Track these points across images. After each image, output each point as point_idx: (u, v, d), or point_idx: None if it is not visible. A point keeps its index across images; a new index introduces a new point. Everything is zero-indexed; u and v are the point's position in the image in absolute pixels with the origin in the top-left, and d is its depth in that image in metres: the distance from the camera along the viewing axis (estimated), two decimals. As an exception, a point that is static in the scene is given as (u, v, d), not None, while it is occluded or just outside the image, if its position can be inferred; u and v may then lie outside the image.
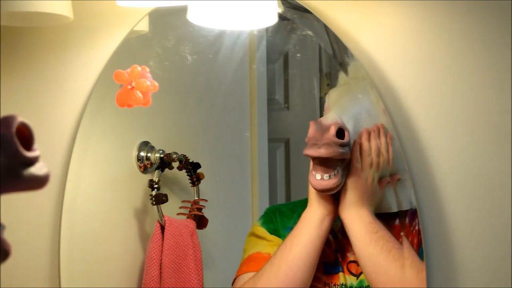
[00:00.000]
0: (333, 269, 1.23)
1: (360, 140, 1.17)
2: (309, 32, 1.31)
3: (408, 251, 1.15)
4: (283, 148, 1.41)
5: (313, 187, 1.18)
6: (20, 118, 0.61)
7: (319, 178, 1.17)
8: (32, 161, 0.61)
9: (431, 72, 1.18)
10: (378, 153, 1.18)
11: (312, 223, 1.20)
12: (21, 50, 1.49)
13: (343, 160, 1.17)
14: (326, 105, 1.24)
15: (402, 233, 1.18)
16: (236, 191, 1.47)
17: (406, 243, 1.16)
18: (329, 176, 1.16)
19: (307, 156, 1.17)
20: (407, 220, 1.19)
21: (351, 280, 1.22)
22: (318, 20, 1.24)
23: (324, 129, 1.13)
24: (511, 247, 1.13)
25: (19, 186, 0.61)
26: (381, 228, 1.16)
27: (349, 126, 1.16)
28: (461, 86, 1.17)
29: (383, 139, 1.18)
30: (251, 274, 1.25)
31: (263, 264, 1.23)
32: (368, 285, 1.19)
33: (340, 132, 1.14)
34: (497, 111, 1.15)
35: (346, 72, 1.23)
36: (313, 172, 1.17)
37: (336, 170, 1.16)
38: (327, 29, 1.24)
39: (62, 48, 1.46)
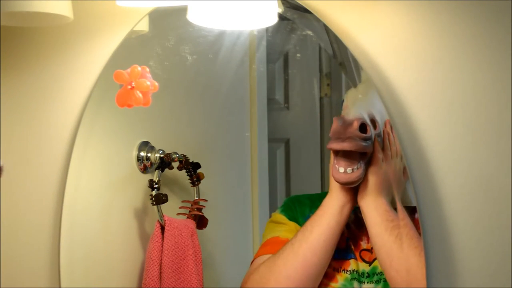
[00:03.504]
0: (343, 256, 1.26)
1: (385, 130, 1.20)
2: (309, 32, 1.31)
3: (418, 240, 1.17)
4: (283, 148, 1.41)
5: (336, 180, 1.22)
6: None
7: (342, 172, 1.20)
8: None
9: (431, 72, 1.18)
10: (391, 146, 1.21)
11: (332, 209, 1.24)
12: (21, 50, 1.49)
13: (365, 154, 1.20)
14: (344, 104, 1.26)
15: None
16: (236, 191, 1.47)
17: (415, 232, 1.18)
18: (352, 169, 1.20)
19: (331, 149, 1.21)
20: None
21: (364, 266, 1.25)
22: (318, 20, 1.24)
23: (347, 124, 1.18)
24: (511, 247, 1.13)
25: None
26: (396, 217, 1.19)
27: (370, 122, 1.20)
28: (461, 86, 1.17)
29: (392, 133, 1.21)
30: (267, 257, 1.29)
31: (281, 247, 1.27)
32: (381, 271, 1.22)
33: (363, 127, 1.18)
34: (497, 111, 1.15)
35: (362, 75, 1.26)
36: (336, 166, 1.21)
37: (359, 164, 1.20)
38: (327, 29, 1.25)
39: (62, 48, 1.46)
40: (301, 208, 1.33)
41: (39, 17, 1.31)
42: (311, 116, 1.38)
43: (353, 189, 1.23)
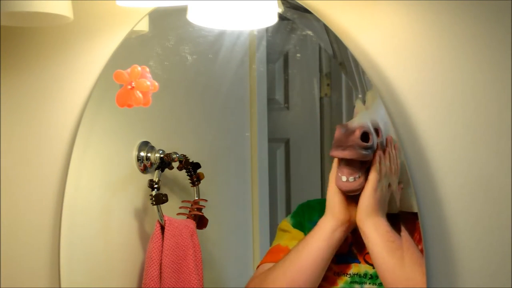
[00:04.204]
0: (345, 260, 1.27)
1: (378, 151, 1.21)
2: (309, 32, 1.31)
3: (421, 258, 1.17)
4: (283, 148, 1.41)
5: (338, 187, 1.23)
6: None
7: (345, 180, 1.22)
8: None
9: (431, 72, 1.18)
10: (391, 163, 1.21)
11: (324, 232, 1.24)
12: (21, 50, 1.49)
13: (366, 163, 1.21)
14: (355, 110, 1.27)
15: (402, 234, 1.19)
16: (236, 191, 1.47)
17: (416, 249, 1.18)
18: (354, 178, 1.21)
19: (333, 157, 1.22)
20: None
21: (367, 268, 1.25)
22: (318, 20, 1.24)
23: (349, 132, 1.19)
24: (511, 247, 1.13)
25: None
26: (397, 237, 1.19)
27: (373, 131, 1.20)
28: (461, 86, 1.17)
29: (393, 150, 1.21)
30: (268, 265, 1.30)
31: (280, 256, 1.28)
32: None
33: (365, 136, 1.19)
34: (497, 111, 1.15)
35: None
36: (339, 174, 1.22)
37: (361, 173, 1.21)
38: (327, 29, 1.25)
39: (62, 48, 1.46)
40: (309, 213, 1.33)
41: (39, 17, 1.31)
42: (311, 116, 1.37)
43: (348, 212, 1.23)
